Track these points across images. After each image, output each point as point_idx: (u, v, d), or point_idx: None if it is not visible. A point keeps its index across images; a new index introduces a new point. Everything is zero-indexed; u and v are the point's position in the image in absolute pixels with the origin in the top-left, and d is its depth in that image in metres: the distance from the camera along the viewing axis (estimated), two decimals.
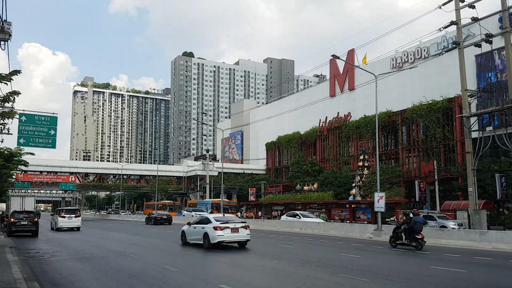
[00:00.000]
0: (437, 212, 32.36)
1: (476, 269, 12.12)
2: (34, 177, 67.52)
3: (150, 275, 10.41)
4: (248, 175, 75.24)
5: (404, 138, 50.06)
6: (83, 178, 74.51)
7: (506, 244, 17.47)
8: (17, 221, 24.60)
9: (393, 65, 53.74)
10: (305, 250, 16.95)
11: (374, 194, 25.85)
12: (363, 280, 9.68)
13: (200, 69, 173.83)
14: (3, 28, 12.37)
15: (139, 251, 16.56)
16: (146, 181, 79.14)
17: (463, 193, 35.84)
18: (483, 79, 42.12)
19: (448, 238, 19.75)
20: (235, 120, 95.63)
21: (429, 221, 27.12)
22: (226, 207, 50.80)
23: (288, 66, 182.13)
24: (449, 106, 43.85)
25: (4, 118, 18.98)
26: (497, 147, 30.55)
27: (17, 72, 17.44)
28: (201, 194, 71.32)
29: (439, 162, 42.00)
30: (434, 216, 28.26)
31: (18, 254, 14.89)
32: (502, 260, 14.22)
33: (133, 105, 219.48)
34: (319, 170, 58.09)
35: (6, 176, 31.16)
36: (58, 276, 10.43)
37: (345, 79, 63.01)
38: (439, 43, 48.36)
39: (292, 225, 31.37)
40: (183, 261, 13.64)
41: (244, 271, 11.61)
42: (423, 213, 29.51)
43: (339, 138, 59.64)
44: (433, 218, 27.85)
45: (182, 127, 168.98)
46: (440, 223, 26.64)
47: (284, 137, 70.10)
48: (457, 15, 22.85)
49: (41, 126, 23.33)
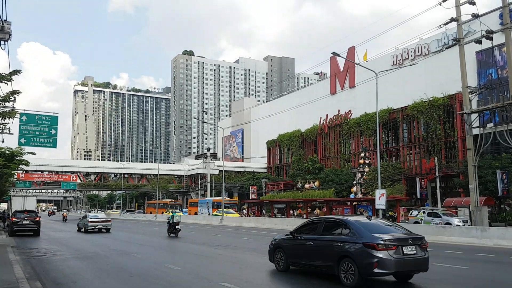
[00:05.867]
0: (442, 209, 32.25)
1: (478, 265, 12.12)
2: (35, 176, 67.56)
3: (152, 273, 10.43)
4: (249, 174, 75.25)
5: (405, 135, 50.02)
6: (84, 177, 74.54)
7: (507, 240, 17.45)
8: (18, 220, 24.64)
9: (394, 62, 53.66)
10: None
11: (375, 191, 25.83)
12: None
13: (201, 68, 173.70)
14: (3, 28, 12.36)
15: (141, 250, 16.58)
16: (147, 180, 79.20)
17: (464, 190, 35.80)
18: (483, 76, 42.05)
19: (450, 235, 19.74)
20: (235, 118, 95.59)
21: (434, 218, 27.14)
22: (228, 205, 50.89)
23: (289, 64, 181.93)
24: (450, 103, 43.80)
25: (5, 118, 18.99)
26: (498, 144, 30.54)
27: (17, 72, 17.47)
28: (202, 193, 71.35)
29: (440, 159, 41.98)
30: (439, 213, 28.16)
31: (20, 254, 14.91)
32: (503, 256, 14.22)
33: (133, 104, 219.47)
34: (320, 168, 58.08)
35: (7, 176, 31.20)
36: (60, 275, 10.44)
37: (346, 76, 62.95)
38: (440, 39, 48.26)
39: (293, 223, 31.35)
40: (185, 260, 13.65)
41: (245, 269, 11.62)
42: (428, 210, 29.50)
43: (340, 136, 59.61)
44: (438, 215, 27.79)
45: (182, 125, 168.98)
46: (445, 220, 26.61)
47: (284, 135, 70.08)
48: (457, 11, 22.78)
49: (42, 125, 23.35)
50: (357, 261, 8.45)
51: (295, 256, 10.40)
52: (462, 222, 26.02)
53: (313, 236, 9.92)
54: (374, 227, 9.17)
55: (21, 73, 17.74)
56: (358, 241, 8.60)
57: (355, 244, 8.62)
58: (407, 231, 9.37)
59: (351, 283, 8.50)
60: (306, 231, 10.37)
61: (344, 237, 9.01)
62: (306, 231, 10.40)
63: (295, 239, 10.43)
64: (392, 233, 8.91)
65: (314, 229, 10.16)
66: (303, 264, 10.30)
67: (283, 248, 10.73)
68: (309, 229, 10.38)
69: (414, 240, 8.75)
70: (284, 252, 10.67)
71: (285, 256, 10.61)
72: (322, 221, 10.17)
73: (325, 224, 9.94)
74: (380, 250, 8.28)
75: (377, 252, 8.27)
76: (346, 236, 9.00)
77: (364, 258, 8.36)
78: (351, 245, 8.69)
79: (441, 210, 30.65)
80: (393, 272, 8.51)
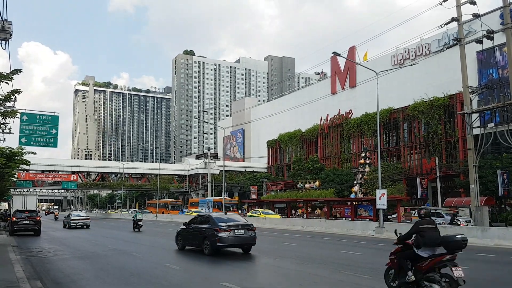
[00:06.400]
0: (445, 209, 32.05)
1: (479, 265, 12.10)
2: (36, 176, 67.56)
3: (153, 273, 10.43)
4: (250, 173, 75.23)
5: (406, 135, 49.97)
6: (85, 177, 74.58)
7: (508, 240, 17.44)
8: (19, 220, 24.66)
9: (394, 62, 53.62)
10: (307, 248, 16.96)
11: (375, 191, 25.83)
12: (365, 277, 9.67)
13: (201, 67, 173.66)
14: (4, 28, 12.35)
15: (141, 249, 16.58)
16: (148, 179, 79.22)
17: (465, 190, 35.76)
18: (484, 76, 42.00)
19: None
20: (236, 118, 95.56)
21: (437, 218, 26.93)
22: (228, 205, 50.87)
23: (289, 64, 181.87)
24: (451, 102, 43.76)
25: (6, 118, 18.99)
26: (498, 144, 30.50)
27: (17, 71, 17.46)
28: (203, 193, 71.37)
29: (440, 159, 41.93)
30: (442, 213, 27.93)
31: (21, 253, 14.93)
32: (504, 256, 14.22)
33: (134, 103, 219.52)
34: (321, 167, 58.04)
35: (8, 175, 31.19)
36: (60, 275, 10.45)
37: (346, 76, 62.91)
38: (440, 39, 48.22)
39: (294, 223, 31.39)
40: (185, 259, 13.65)
41: (246, 269, 11.61)
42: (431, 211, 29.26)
43: (341, 136, 59.57)
44: (441, 215, 27.58)
45: (183, 125, 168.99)
46: (448, 220, 26.41)
47: (285, 135, 70.03)
48: (458, 11, 22.76)
49: (43, 125, 23.32)
50: (210, 239, 13.76)
51: (186, 239, 15.56)
52: (465, 222, 25.84)
53: (194, 226, 15.18)
54: (223, 219, 14.46)
55: (22, 73, 17.73)
56: (212, 228, 13.89)
57: (210, 230, 13.90)
58: (245, 221, 14.68)
59: (208, 253, 13.83)
60: (193, 223, 15.39)
61: (206, 226, 14.31)
62: (192, 223, 15.44)
63: (186, 228, 15.59)
64: (232, 222, 14.10)
65: (196, 222, 15.30)
66: (190, 244, 15.40)
67: (181, 234, 15.91)
68: (194, 222, 15.44)
69: (243, 226, 14.10)
70: (181, 237, 15.84)
71: (182, 240, 15.77)
72: (200, 216, 16.04)
73: (201, 218, 15.41)
74: (220, 232, 13.55)
75: (218, 233, 13.55)
76: (207, 225, 14.28)
77: (213, 237, 13.65)
78: (209, 230, 13.98)
79: (444, 210, 30.38)
80: (229, 244, 13.74)
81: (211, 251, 13.71)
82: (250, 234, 14.05)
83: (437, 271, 6.96)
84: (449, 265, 6.84)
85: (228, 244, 13.63)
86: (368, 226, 24.95)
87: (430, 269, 6.97)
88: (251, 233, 14.09)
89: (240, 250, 14.59)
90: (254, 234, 14.22)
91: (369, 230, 24.21)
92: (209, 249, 13.76)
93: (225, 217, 15.09)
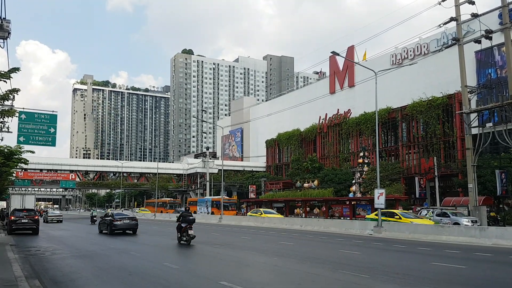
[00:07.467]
0: (451, 208, 31.88)
1: (477, 265, 12.14)
2: (34, 175, 67.41)
3: (151, 272, 10.43)
4: (248, 173, 75.24)
5: (404, 134, 50.00)
6: (83, 176, 74.49)
7: (506, 240, 17.47)
8: (17, 219, 24.61)
9: (393, 62, 53.66)
10: (305, 247, 16.97)
11: (374, 190, 25.85)
12: (363, 277, 9.69)
13: (200, 67, 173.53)
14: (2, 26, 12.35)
15: (140, 248, 16.58)
16: (146, 178, 79.15)
17: (463, 190, 35.85)
18: (483, 75, 42.06)
19: (448, 235, 19.74)
20: (235, 117, 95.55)
21: (443, 218, 26.86)
22: (227, 204, 50.83)
23: (288, 63, 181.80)
24: (449, 102, 43.81)
25: (4, 116, 18.97)
26: (497, 143, 30.58)
27: (16, 69, 17.41)
28: (201, 192, 71.36)
29: (439, 159, 42.01)
30: (448, 213, 27.82)
31: (19, 252, 14.91)
32: (502, 256, 14.24)
33: (132, 102, 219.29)
34: (319, 167, 58.08)
35: (6, 174, 31.16)
36: (59, 274, 10.44)
37: (345, 76, 62.93)
38: (439, 39, 48.25)
39: (292, 222, 31.40)
40: (184, 258, 13.66)
41: (244, 268, 11.62)
42: (437, 210, 29.18)
43: (339, 135, 59.61)
44: (446, 215, 27.52)
45: (182, 124, 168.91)
46: (454, 219, 26.30)
47: (284, 134, 70.05)
48: (457, 11, 22.82)
49: (41, 124, 23.30)
50: (110, 225, 23.62)
51: (102, 226, 25.23)
52: (471, 222, 25.70)
53: (105, 218, 24.99)
54: (119, 213, 25.95)
55: (20, 71, 17.70)
56: (111, 218, 23.93)
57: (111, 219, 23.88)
58: (133, 215, 25.73)
59: (108, 234, 23.48)
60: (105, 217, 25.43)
61: (109, 218, 24.24)
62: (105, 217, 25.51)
63: (102, 220, 25.54)
64: (123, 215, 24.89)
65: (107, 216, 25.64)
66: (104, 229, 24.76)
67: (100, 223, 26.03)
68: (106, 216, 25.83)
69: (129, 218, 24.23)
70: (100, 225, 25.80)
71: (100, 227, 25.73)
72: (111, 213, 26.22)
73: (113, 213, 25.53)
74: (115, 221, 23.49)
75: (114, 221, 23.48)
76: (110, 217, 24.24)
77: (111, 224, 23.47)
78: (111, 220, 23.75)
79: (450, 210, 30.13)
80: (120, 229, 23.55)
81: (110, 232, 23.44)
82: (134, 222, 23.78)
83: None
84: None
85: (119, 228, 23.46)
86: (367, 226, 24.98)
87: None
88: (135, 222, 23.89)
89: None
90: (137, 222, 24.22)
91: (367, 230, 24.25)
92: (110, 231, 23.48)
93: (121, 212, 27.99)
